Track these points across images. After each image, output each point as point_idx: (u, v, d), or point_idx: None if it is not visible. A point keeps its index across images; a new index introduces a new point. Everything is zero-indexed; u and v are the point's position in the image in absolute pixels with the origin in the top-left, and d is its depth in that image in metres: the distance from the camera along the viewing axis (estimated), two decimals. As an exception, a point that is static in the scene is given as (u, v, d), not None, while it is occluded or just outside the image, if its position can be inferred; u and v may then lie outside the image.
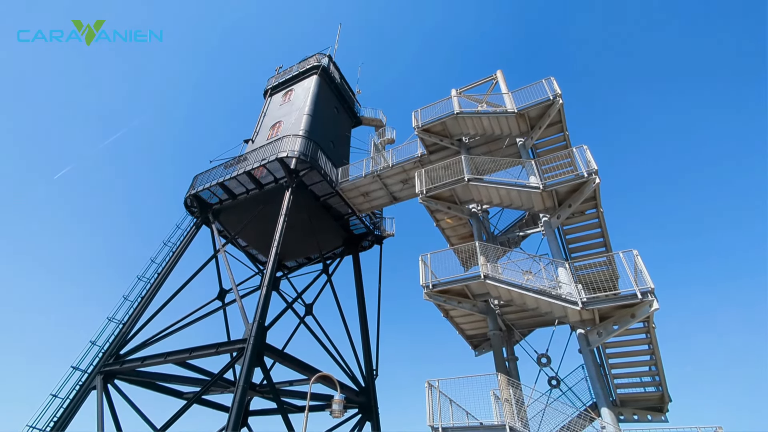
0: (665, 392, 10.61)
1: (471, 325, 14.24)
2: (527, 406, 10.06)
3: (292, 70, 26.19)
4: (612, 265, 10.17)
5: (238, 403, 11.76)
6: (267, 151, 18.80)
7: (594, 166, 11.26)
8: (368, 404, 18.06)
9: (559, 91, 13.35)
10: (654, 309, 8.74)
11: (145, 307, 17.49)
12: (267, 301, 14.29)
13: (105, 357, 16.06)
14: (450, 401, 10.02)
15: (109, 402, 15.14)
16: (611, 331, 9.44)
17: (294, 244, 21.52)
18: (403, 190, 18.71)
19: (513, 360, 12.80)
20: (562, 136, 14.21)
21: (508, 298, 11.03)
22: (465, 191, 13.58)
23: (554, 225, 12.06)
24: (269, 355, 14.16)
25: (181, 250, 19.39)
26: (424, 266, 12.25)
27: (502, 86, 15.82)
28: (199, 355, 14.54)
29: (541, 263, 11.21)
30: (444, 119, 15.21)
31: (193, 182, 20.71)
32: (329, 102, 24.57)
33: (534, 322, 13.53)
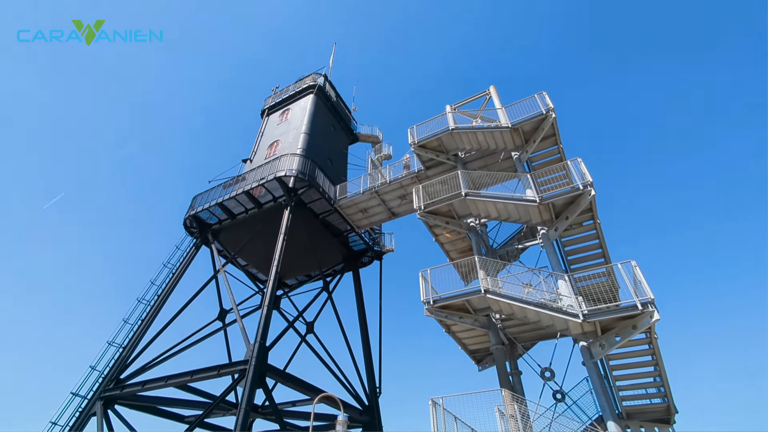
0: (671, 403, 10.54)
1: (473, 340, 14.18)
2: (533, 422, 9.97)
3: (289, 90, 26.59)
4: (611, 276, 10.22)
5: (240, 425, 11.61)
6: (265, 171, 18.97)
7: (589, 178, 11.41)
8: (372, 423, 17.80)
9: (552, 105, 13.60)
10: (655, 320, 8.75)
11: (146, 329, 17.38)
12: (268, 321, 14.23)
13: (105, 382, 15.87)
14: (455, 418, 9.92)
15: (110, 428, 14.90)
16: (614, 343, 9.43)
17: (294, 262, 21.52)
18: (401, 206, 18.83)
19: (517, 374, 12.72)
20: (556, 149, 14.41)
21: (509, 312, 11.03)
22: (462, 206, 13.70)
23: (552, 237, 12.14)
24: (271, 376, 14.03)
25: (180, 271, 19.37)
26: (424, 282, 12.26)
27: (496, 101, 16.12)
28: (201, 378, 14.41)
29: (540, 276, 11.25)
30: (439, 135, 15.45)
31: (192, 203, 20.82)
32: (326, 120, 24.89)
33: (536, 336, 13.50)
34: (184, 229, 21.04)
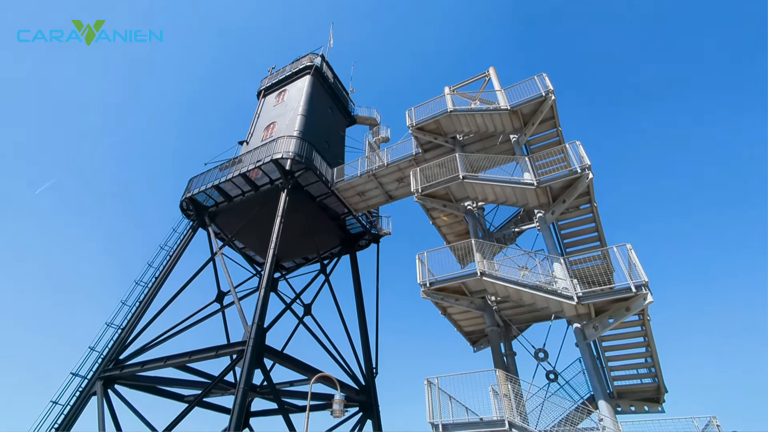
0: (661, 384, 10.76)
1: (469, 322, 14.34)
2: (526, 401, 10.18)
3: (285, 70, 26.12)
4: (607, 259, 10.27)
5: (239, 404, 11.83)
6: (262, 153, 18.80)
7: (587, 161, 11.34)
8: (369, 402, 18.17)
9: (552, 88, 13.39)
10: (648, 302, 8.84)
11: (144, 311, 17.49)
12: (265, 302, 14.33)
13: (104, 362, 16.06)
14: (450, 398, 10.10)
15: (110, 407, 15.15)
16: (607, 325, 9.54)
17: (291, 245, 21.55)
18: (398, 189, 18.73)
19: (511, 355, 12.91)
20: (555, 132, 14.27)
21: (504, 295, 11.12)
22: (460, 189, 13.64)
23: (549, 221, 12.14)
24: (269, 357, 14.22)
25: (178, 253, 19.38)
26: (421, 264, 12.30)
27: (495, 83, 15.87)
28: (199, 359, 14.59)
29: (536, 259, 11.31)
30: (438, 117, 15.24)
31: (188, 185, 20.69)
32: (323, 102, 24.54)
33: (531, 318, 13.65)
34: (181, 212, 20.96)
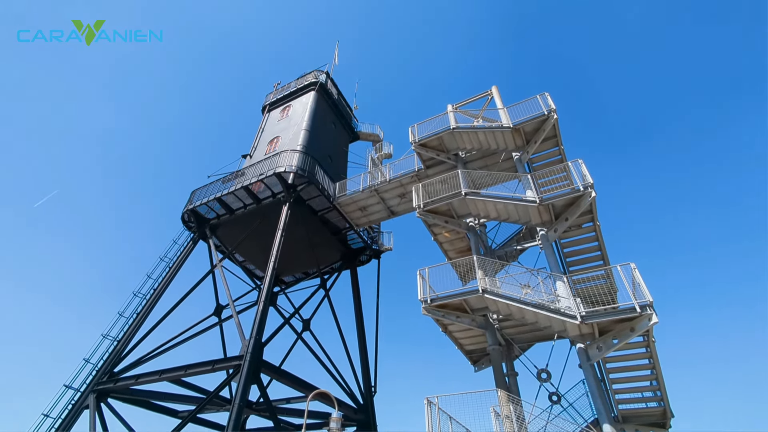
0: (667, 407, 10.49)
1: (470, 340, 14.12)
2: (528, 423, 9.92)
3: (290, 86, 26.53)
4: (610, 278, 10.16)
5: (234, 421, 11.54)
6: (265, 166, 18.91)
7: (590, 179, 11.36)
8: (367, 422, 17.74)
9: (554, 106, 13.55)
10: (653, 323, 8.69)
11: (141, 323, 17.29)
12: (264, 316, 14.17)
13: (99, 375, 15.78)
14: (450, 418, 9.84)
15: (102, 421, 14.82)
16: (611, 346, 9.36)
17: (291, 259, 21.44)
18: (400, 205, 18.75)
19: (513, 375, 12.65)
20: (557, 150, 14.36)
21: (507, 313, 10.97)
22: (462, 205, 13.64)
23: (551, 238, 12.08)
24: (266, 372, 13.96)
25: (177, 265, 19.28)
26: (422, 280, 12.19)
27: (498, 101, 16.07)
28: (195, 373, 14.31)
29: (539, 277, 11.19)
30: (440, 134, 15.37)
31: (190, 197, 20.74)
32: (327, 117, 24.83)
33: (533, 337, 13.43)
34: (182, 224, 20.96)
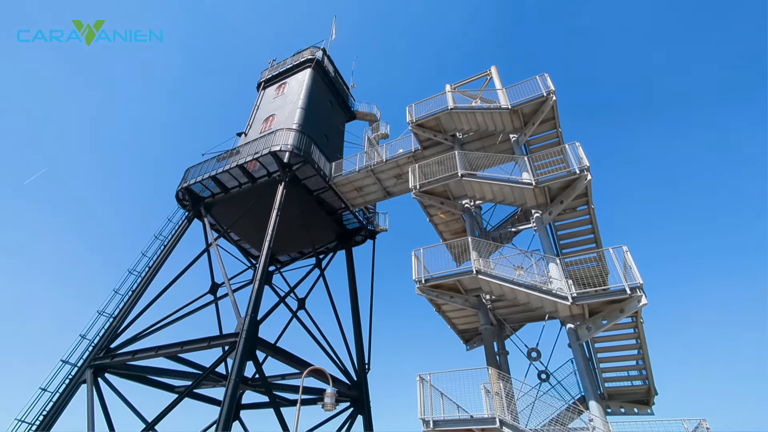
0: (652, 386, 10.81)
1: (463, 320, 14.35)
2: (517, 400, 10.19)
3: (286, 63, 25.94)
4: (602, 260, 10.28)
5: (230, 396, 11.75)
6: (260, 145, 18.67)
7: (586, 162, 11.35)
8: (360, 398, 18.17)
9: (553, 88, 13.38)
10: (642, 304, 8.86)
11: (136, 300, 17.36)
12: (259, 294, 14.26)
13: (95, 351, 15.93)
14: (441, 395, 10.10)
15: (100, 396, 15.04)
16: (600, 326, 9.56)
17: (287, 239, 21.45)
18: (396, 185, 18.70)
19: (504, 354, 12.93)
20: (555, 133, 14.28)
21: (499, 293, 11.12)
22: (458, 187, 13.61)
23: (546, 221, 12.15)
24: (261, 349, 14.15)
25: (172, 243, 19.24)
26: (416, 261, 12.29)
27: (497, 82, 15.85)
28: (191, 349, 14.49)
29: (532, 259, 11.31)
30: (438, 114, 15.20)
31: (185, 175, 20.51)
32: (323, 96, 24.41)
33: (525, 317, 13.67)
34: (177, 202, 20.80)
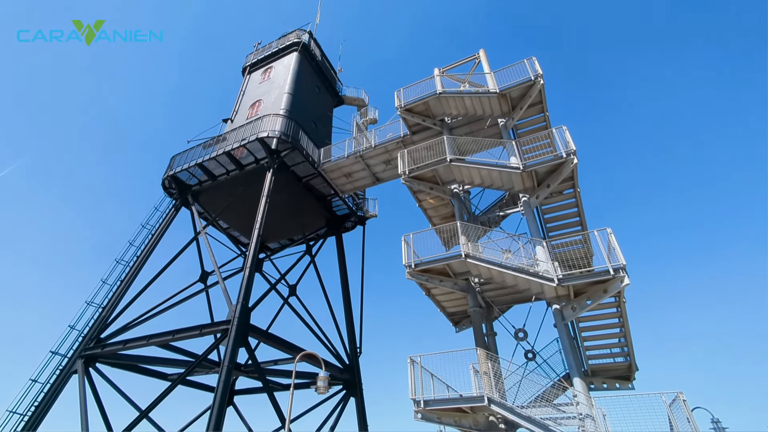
0: (633, 362, 11.25)
1: (452, 303, 14.61)
2: (505, 379, 10.51)
3: (272, 46, 25.37)
4: (587, 243, 10.52)
5: (223, 382, 11.89)
6: (247, 131, 18.40)
7: (572, 146, 11.47)
8: (352, 381, 18.50)
9: (541, 72, 13.40)
10: (625, 284, 9.15)
11: (125, 290, 17.23)
12: (250, 281, 14.29)
13: (85, 341, 15.86)
14: (431, 375, 10.37)
15: (92, 385, 15.05)
16: (585, 306, 9.86)
17: (276, 226, 21.37)
18: (385, 171, 18.68)
19: (492, 335, 13.26)
20: (542, 117, 14.35)
21: (488, 276, 11.34)
22: (447, 172, 13.68)
23: (533, 205, 12.33)
24: (254, 336, 14.26)
25: (160, 232, 19.03)
26: (406, 246, 12.41)
27: (485, 66, 15.78)
28: (183, 337, 14.53)
29: (520, 242, 11.51)
30: (427, 99, 15.13)
31: (170, 163, 20.17)
32: (310, 80, 24.02)
33: (512, 299, 13.99)
34: (163, 190, 20.50)
